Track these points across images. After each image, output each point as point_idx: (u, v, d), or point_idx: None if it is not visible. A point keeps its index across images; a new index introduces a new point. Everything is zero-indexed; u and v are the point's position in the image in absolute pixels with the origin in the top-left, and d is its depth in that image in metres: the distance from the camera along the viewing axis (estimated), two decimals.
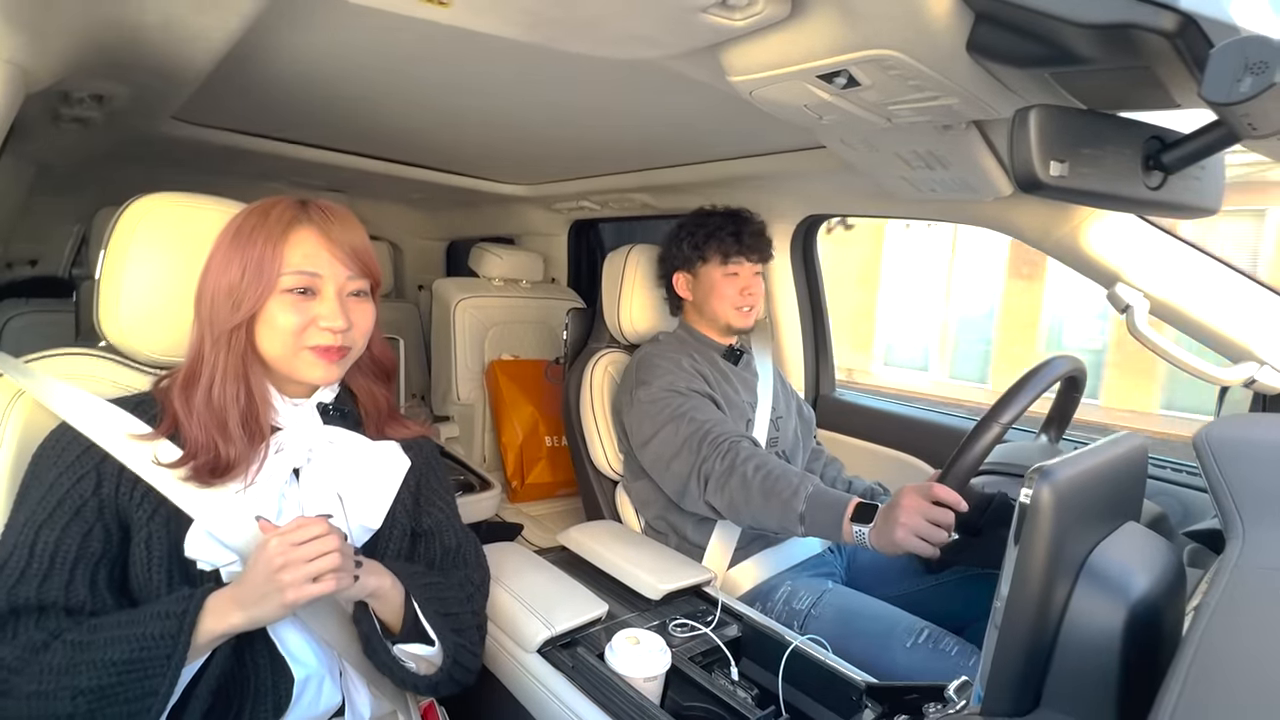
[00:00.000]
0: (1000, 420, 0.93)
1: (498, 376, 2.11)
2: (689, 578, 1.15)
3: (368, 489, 0.86)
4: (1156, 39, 0.59)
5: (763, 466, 1.14)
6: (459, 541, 0.96)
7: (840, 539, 1.05)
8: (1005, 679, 0.56)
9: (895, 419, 1.76)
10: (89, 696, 0.65)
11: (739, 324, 1.43)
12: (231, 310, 0.77)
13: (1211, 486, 0.60)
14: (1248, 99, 0.53)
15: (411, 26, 0.85)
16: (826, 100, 0.90)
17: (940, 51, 0.73)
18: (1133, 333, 1.13)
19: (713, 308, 1.43)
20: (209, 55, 0.99)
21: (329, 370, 0.81)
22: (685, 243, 1.45)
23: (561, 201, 2.20)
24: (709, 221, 1.44)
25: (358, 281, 0.83)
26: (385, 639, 0.81)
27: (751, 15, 0.74)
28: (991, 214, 1.27)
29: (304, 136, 1.65)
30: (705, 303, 1.45)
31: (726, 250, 1.40)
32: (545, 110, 1.29)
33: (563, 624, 0.98)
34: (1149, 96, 0.72)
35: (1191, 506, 1.23)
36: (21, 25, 0.78)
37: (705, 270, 1.43)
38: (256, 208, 0.82)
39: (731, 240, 1.40)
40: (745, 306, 1.42)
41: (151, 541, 0.74)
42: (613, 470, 1.56)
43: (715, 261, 1.42)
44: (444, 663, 0.83)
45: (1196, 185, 0.77)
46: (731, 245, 1.40)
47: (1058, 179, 0.67)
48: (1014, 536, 0.55)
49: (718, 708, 0.89)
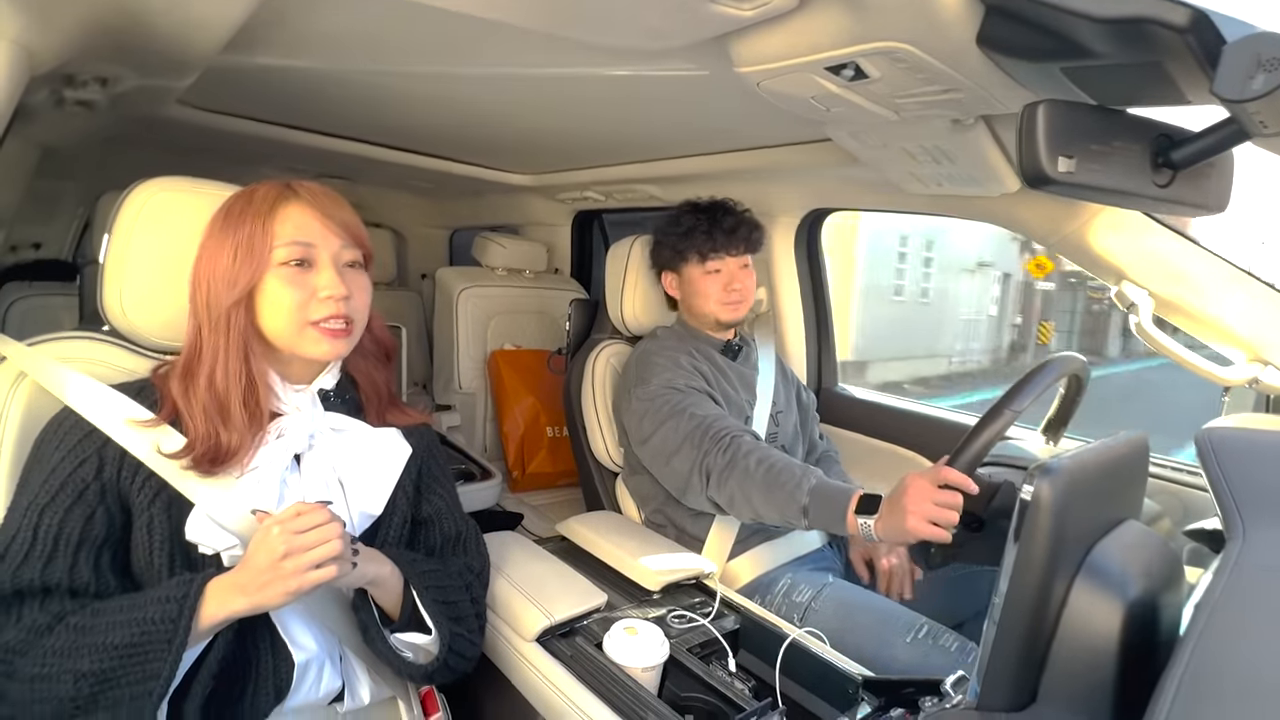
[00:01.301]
0: (1012, 407, 0.93)
1: (500, 366, 2.11)
2: (688, 569, 1.15)
3: (369, 476, 0.86)
4: (1168, 34, 0.58)
5: (765, 460, 1.14)
6: (459, 529, 0.96)
7: (844, 531, 1.04)
8: (1002, 674, 0.56)
9: (897, 414, 1.76)
10: (90, 680, 0.66)
11: (729, 318, 1.42)
12: (228, 290, 0.77)
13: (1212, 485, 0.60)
14: (1260, 96, 0.53)
15: (418, 13, 0.84)
16: (834, 92, 0.89)
17: (950, 44, 0.72)
18: (1138, 331, 1.12)
19: (699, 306, 1.42)
20: (214, 39, 0.98)
21: (334, 345, 0.81)
22: (665, 243, 1.43)
23: (566, 192, 2.20)
24: (685, 220, 1.41)
25: (351, 251, 0.82)
26: (383, 627, 0.82)
27: (760, 5, 0.74)
28: (998, 209, 1.26)
29: (308, 123, 1.64)
30: (691, 302, 1.44)
31: (703, 250, 1.38)
32: (552, 100, 1.28)
33: (562, 613, 0.98)
34: (1159, 92, 0.71)
35: (1191, 505, 1.23)
36: (26, 6, 0.78)
37: (687, 270, 1.42)
38: (241, 193, 0.82)
39: (705, 238, 1.37)
40: (732, 301, 1.40)
41: (153, 525, 0.75)
42: (613, 461, 1.56)
43: (694, 261, 1.40)
44: (440, 651, 0.83)
45: (1205, 183, 0.76)
46: (706, 243, 1.37)
47: (1066, 175, 0.67)
48: (1014, 533, 0.55)
49: (715, 698, 0.90)
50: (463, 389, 2.18)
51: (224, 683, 0.76)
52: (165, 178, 0.86)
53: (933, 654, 1.07)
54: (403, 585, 0.83)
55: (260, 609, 0.71)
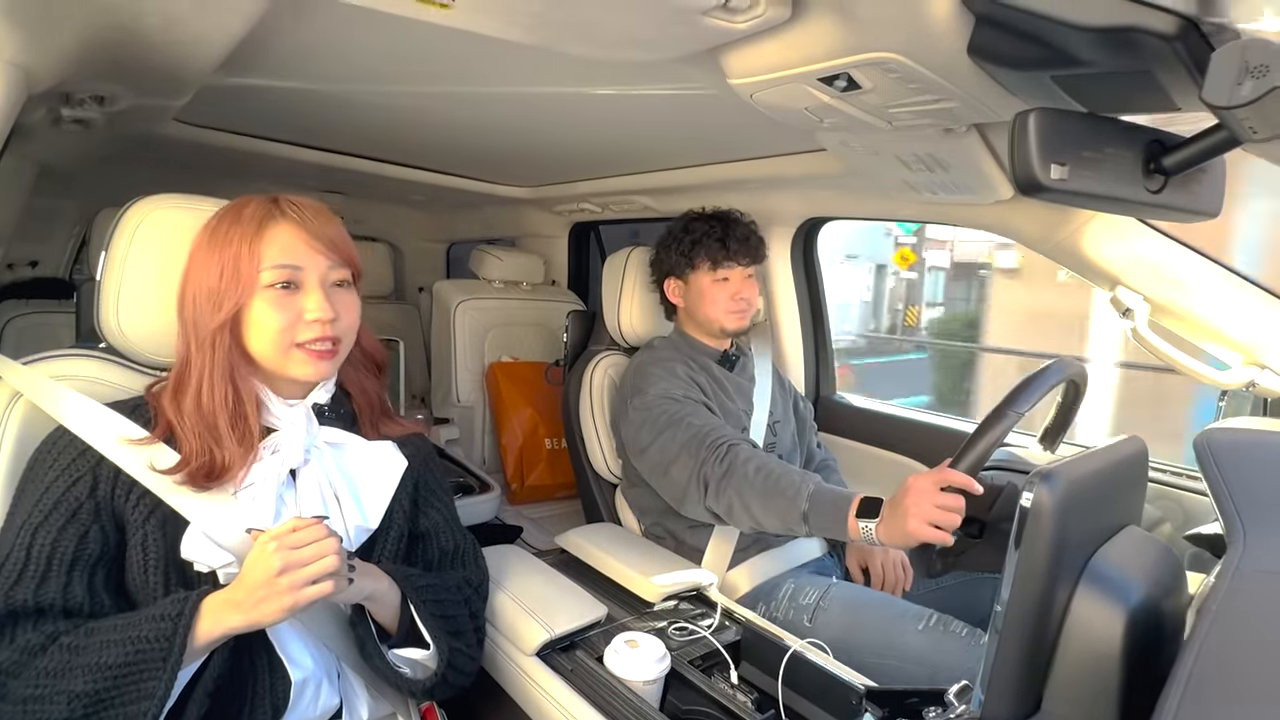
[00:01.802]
0: (1015, 408, 0.92)
1: (498, 378, 2.11)
2: (688, 581, 1.14)
3: (365, 490, 0.86)
4: (1157, 42, 0.59)
5: (763, 468, 1.14)
6: (457, 543, 0.96)
7: (845, 536, 1.03)
8: (1006, 683, 0.56)
9: (895, 422, 1.76)
10: (84, 700, 0.65)
11: (733, 326, 1.42)
12: (213, 311, 0.77)
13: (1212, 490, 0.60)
14: (1249, 103, 0.53)
15: (412, 28, 0.85)
16: (827, 103, 0.90)
17: (941, 54, 0.73)
18: (1134, 336, 1.13)
19: (705, 313, 1.42)
20: (210, 57, 0.99)
21: (319, 368, 0.80)
22: (673, 250, 1.43)
23: (562, 204, 2.20)
24: (696, 227, 1.41)
25: (339, 271, 0.82)
26: (381, 643, 0.81)
27: (752, 18, 0.74)
28: (992, 217, 1.27)
29: (304, 138, 1.65)
30: (697, 309, 1.43)
31: (715, 257, 1.38)
32: (546, 113, 1.29)
33: (562, 627, 0.97)
34: (1149, 100, 0.72)
35: (1192, 510, 1.23)
36: (23, 26, 0.79)
37: (695, 277, 1.42)
38: (229, 208, 0.81)
39: (719, 246, 1.38)
40: (738, 310, 1.41)
41: (147, 543, 0.74)
42: (612, 473, 1.55)
43: (704, 268, 1.40)
44: (439, 666, 0.83)
45: (1197, 189, 0.76)
46: (719, 251, 1.38)
47: (1058, 182, 0.67)
48: (1015, 540, 0.55)
49: (717, 711, 0.89)
50: (461, 402, 2.17)
51: (220, 701, 0.75)
52: (161, 195, 0.86)
53: (944, 640, 1.07)
54: (400, 600, 0.82)
55: (256, 626, 0.70)
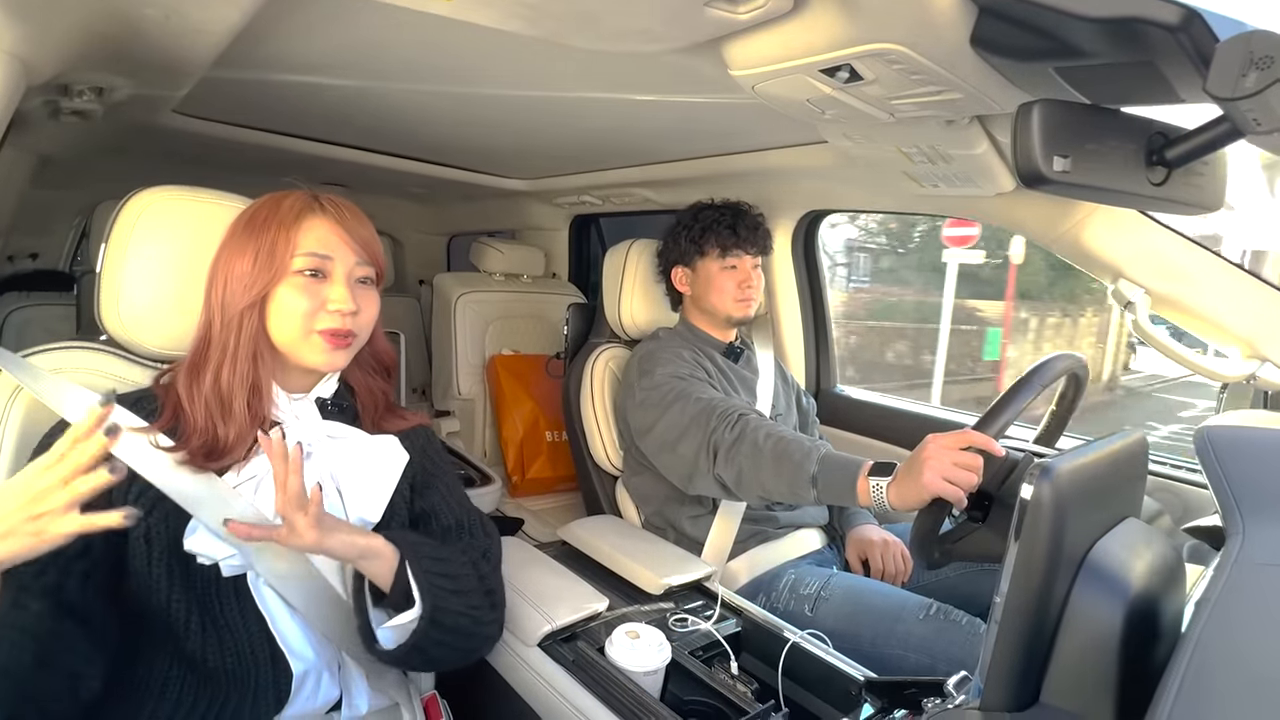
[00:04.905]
0: (1040, 380, 0.92)
1: (498, 371, 2.11)
2: (689, 572, 1.15)
3: (366, 483, 0.86)
4: (1160, 33, 0.59)
5: (774, 434, 1.13)
6: (459, 519, 0.94)
7: (855, 501, 1.01)
8: (1004, 674, 0.56)
9: (897, 415, 1.76)
10: None
11: (739, 315, 1.43)
12: (244, 292, 0.78)
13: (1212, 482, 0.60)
14: (1253, 94, 0.53)
15: (413, 20, 0.85)
16: (829, 94, 0.89)
17: (943, 45, 0.73)
18: (1135, 328, 1.12)
19: (712, 301, 1.43)
20: (209, 48, 0.98)
21: (334, 356, 0.82)
22: (683, 237, 1.44)
23: (562, 196, 2.20)
24: (706, 215, 1.43)
25: (365, 268, 0.84)
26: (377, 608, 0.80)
27: (754, 8, 0.74)
28: (994, 209, 1.27)
29: (305, 130, 1.64)
30: (704, 296, 1.44)
31: (724, 244, 1.40)
32: (547, 105, 1.28)
33: (563, 618, 0.98)
34: (1153, 91, 0.72)
35: (1191, 502, 1.23)
36: (22, 17, 0.78)
37: (703, 264, 1.43)
38: (269, 198, 0.83)
39: (729, 234, 1.40)
40: (746, 298, 1.42)
41: (151, 536, 0.74)
42: (613, 465, 1.56)
43: (713, 255, 1.41)
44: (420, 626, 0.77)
45: (1200, 181, 0.76)
46: (729, 238, 1.40)
47: (1061, 174, 0.67)
48: (1014, 532, 0.55)
49: (717, 702, 0.90)
50: (461, 395, 2.18)
51: (222, 692, 0.75)
52: (161, 186, 0.86)
53: (946, 629, 1.07)
54: (399, 562, 0.79)
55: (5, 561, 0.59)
